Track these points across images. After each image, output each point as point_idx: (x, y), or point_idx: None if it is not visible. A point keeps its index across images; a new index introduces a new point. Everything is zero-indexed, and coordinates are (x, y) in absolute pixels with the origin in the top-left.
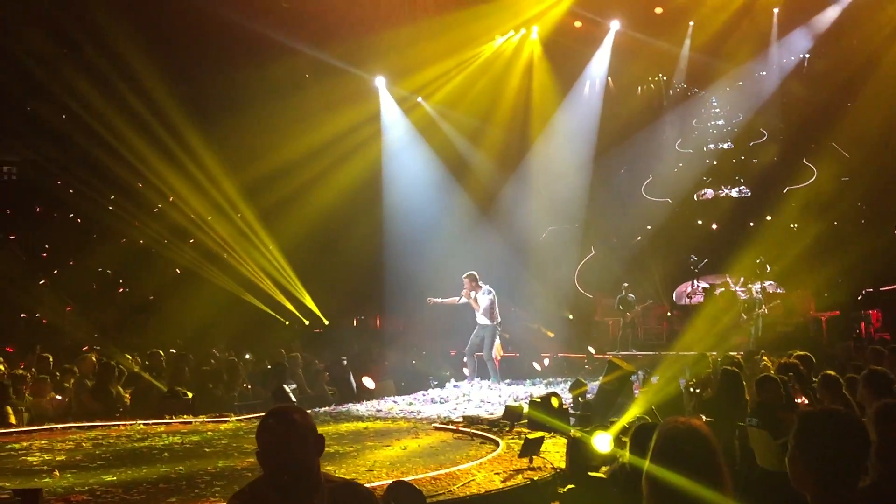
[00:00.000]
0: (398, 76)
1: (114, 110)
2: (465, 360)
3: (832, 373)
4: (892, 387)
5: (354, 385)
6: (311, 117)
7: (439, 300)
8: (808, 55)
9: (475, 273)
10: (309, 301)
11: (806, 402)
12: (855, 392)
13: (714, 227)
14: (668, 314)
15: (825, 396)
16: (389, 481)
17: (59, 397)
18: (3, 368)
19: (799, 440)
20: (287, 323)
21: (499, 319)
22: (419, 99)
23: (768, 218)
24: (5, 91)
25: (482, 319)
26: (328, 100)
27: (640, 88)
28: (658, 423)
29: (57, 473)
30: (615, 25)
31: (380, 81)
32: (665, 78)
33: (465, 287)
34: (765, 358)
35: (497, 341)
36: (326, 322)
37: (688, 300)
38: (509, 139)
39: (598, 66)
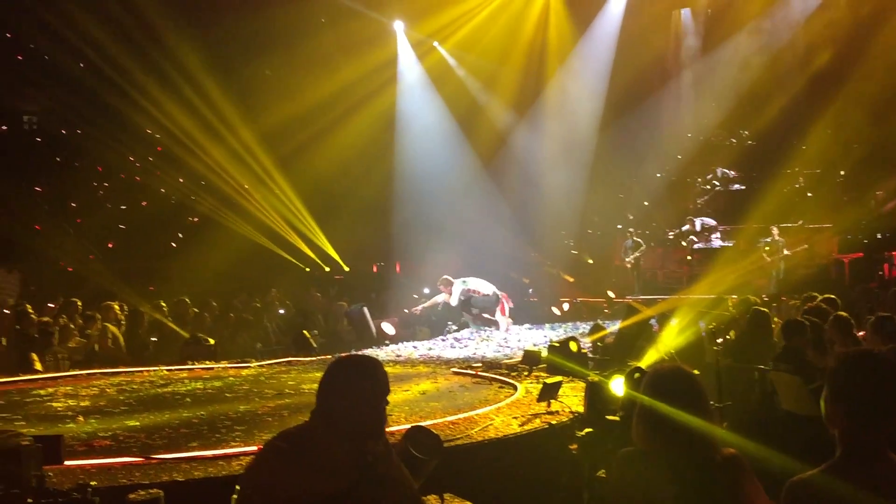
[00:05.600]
0: (415, 18)
1: (130, 57)
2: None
3: (844, 314)
4: None
5: (374, 330)
6: (327, 62)
7: (420, 307)
8: None
9: (447, 277)
10: (329, 248)
11: None
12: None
13: (732, 174)
14: (689, 257)
15: (836, 338)
16: (408, 426)
17: (83, 340)
18: (35, 317)
19: (831, 378)
20: (307, 270)
21: (488, 292)
22: (434, 43)
23: (796, 169)
24: (23, 40)
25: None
26: (344, 44)
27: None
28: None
29: (81, 419)
30: None
31: (398, 25)
32: (689, 11)
33: (441, 292)
34: (791, 301)
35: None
36: (347, 269)
37: (704, 244)
38: (524, 82)
39: (616, 4)
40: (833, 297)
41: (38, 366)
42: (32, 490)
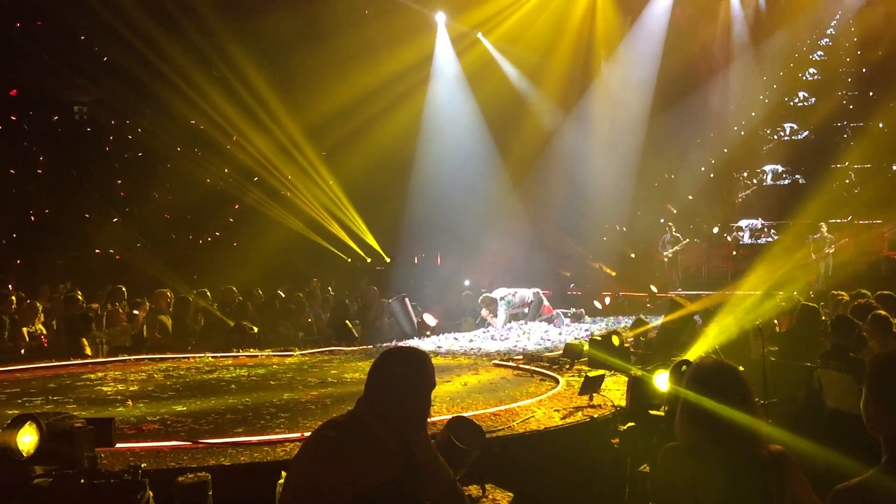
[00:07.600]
0: (459, 10)
1: (178, 49)
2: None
3: (883, 312)
4: None
5: (415, 321)
6: (371, 54)
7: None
8: None
9: (488, 295)
10: (371, 239)
11: None
12: None
13: (780, 169)
14: (734, 253)
15: (874, 336)
16: (449, 416)
17: (128, 325)
18: (84, 304)
19: (873, 381)
20: (349, 260)
21: (530, 300)
22: (479, 35)
23: (846, 163)
24: (74, 31)
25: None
26: (388, 37)
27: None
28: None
29: (130, 403)
30: None
31: (440, 17)
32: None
33: (483, 313)
34: (842, 294)
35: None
36: (388, 259)
37: (752, 240)
38: (571, 74)
39: None
40: (890, 293)
41: (88, 350)
42: (85, 470)
